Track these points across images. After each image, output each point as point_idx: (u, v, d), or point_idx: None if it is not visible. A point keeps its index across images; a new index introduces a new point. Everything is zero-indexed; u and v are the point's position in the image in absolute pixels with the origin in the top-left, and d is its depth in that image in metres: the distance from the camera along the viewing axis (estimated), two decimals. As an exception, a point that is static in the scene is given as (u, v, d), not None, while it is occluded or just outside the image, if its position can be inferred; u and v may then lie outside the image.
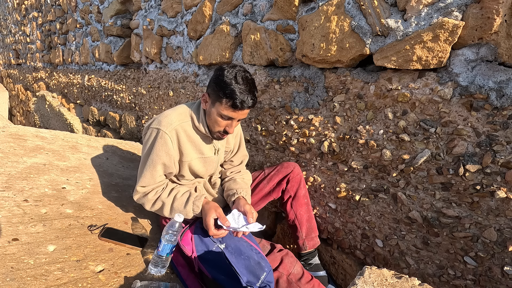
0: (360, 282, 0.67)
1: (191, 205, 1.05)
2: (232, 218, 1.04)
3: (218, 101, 1.00)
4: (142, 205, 1.11)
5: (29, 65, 5.63)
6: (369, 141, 1.14)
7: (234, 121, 1.04)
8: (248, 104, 0.98)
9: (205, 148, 1.15)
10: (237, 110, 0.99)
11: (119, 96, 2.92)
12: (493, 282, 0.92)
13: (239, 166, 1.35)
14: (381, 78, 1.08)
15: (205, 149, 1.15)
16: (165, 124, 1.05)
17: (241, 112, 1.01)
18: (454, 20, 0.88)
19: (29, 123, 5.54)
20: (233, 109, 0.99)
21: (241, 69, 1.01)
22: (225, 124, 1.04)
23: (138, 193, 1.09)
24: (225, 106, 0.99)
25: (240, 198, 1.15)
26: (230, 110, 0.99)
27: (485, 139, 0.88)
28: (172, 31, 2.10)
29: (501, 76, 0.84)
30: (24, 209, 1.06)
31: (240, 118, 1.04)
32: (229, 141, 1.27)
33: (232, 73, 0.98)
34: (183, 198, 1.08)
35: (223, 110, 1.00)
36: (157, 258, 0.96)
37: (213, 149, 1.17)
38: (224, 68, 1.00)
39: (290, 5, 1.31)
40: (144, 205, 1.10)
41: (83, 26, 3.37)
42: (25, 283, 0.77)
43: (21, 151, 1.55)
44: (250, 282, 0.90)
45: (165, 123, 1.06)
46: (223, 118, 1.02)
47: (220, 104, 1.00)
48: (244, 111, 1.01)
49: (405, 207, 1.08)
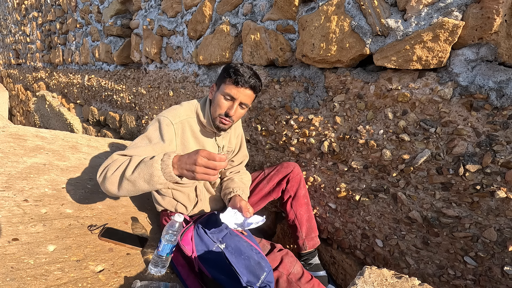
0: (360, 282, 0.67)
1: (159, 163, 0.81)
2: (229, 216, 1.04)
3: (222, 82, 1.05)
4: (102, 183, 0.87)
5: (29, 65, 5.63)
6: (369, 141, 1.13)
7: (236, 102, 1.04)
8: (249, 82, 1.02)
9: (208, 145, 1.15)
10: (239, 86, 1.02)
11: (119, 96, 2.92)
12: (493, 282, 0.92)
13: (239, 166, 1.36)
14: (381, 78, 1.08)
15: (208, 147, 1.16)
16: (172, 115, 1.07)
17: (242, 91, 1.03)
18: (454, 20, 0.88)
19: (29, 123, 5.54)
20: (235, 85, 1.02)
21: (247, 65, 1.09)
22: (227, 106, 1.05)
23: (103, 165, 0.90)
24: (228, 84, 1.03)
25: (236, 196, 1.16)
26: (232, 87, 1.02)
27: (485, 139, 0.88)
28: (172, 31, 2.10)
29: (501, 76, 0.84)
30: (24, 209, 1.06)
31: (242, 100, 1.04)
32: (231, 141, 1.28)
33: (238, 64, 1.06)
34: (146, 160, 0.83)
35: (226, 88, 1.03)
36: (157, 258, 0.96)
37: (216, 147, 1.19)
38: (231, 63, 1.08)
39: (290, 5, 1.30)
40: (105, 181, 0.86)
41: (83, 26, 3.37)
42: (25, 283, 0.77)
43: (21, 151, 1.55)
44: (250, 282, 0.90)
45: (172, 114, 1.07)
46: (225, 98, 1.04)
47: (224, 83, 1.04)
48: (246, 91, 1.03)
49: (405, 207, 1.08)
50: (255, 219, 1.02)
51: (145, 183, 0.82)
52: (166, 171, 0.80)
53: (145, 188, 0.84)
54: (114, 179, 0.85)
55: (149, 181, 0.81)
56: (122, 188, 0.85)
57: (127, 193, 0.86)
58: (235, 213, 1.06)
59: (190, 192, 1.19)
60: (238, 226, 1.00)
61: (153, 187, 0.83)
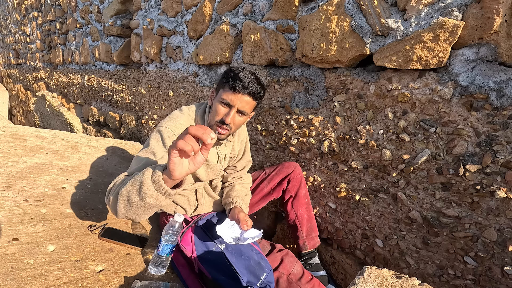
0: (360, 282, 0.67)
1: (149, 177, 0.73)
2: (226, 227, 1.01)
3: (221, 87, 1.00)
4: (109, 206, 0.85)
5: (29, 65, 5.63)
6: (369, 141, 1.13)
7: (233, 109, 0.98)
8: (248, 88, 0.95)
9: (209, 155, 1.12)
10: (236, 92, 0.96)
11: (119, 96, 2.92)
12: (493, 282, 0.92)
13: (241, 172, 1.33)
14: (381, 78, 1.08)
15: (209, 156, 1.12)
16: (174, 126, 1.04)
17: (240, 98, 0.96)
18: (454, 20, 0.88)
19: (29, 123, 5.54)
20: (232, 91, 0.96)
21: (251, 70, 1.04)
22: (224, 113, 0.99)
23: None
24: (226, 90, 0.98)
25: (235, 207, 1.15)
26: (230, 93, 0.96)
27: (485, 139, 0.88)
28: (172, 31, 2.10)
29: (501, 76, 0.84)
30: (24, 209, 1.06)
31: (240, 107, 0.98)
32: (234, 147, 1.25)
33: (239, 68, 1.00)
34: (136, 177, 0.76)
35: (223, 94, 0.98)
36: (157, 258, 0.96)
37: (216, 157, 1.15)
38: (232, 67, 1.01)
39: (290, 5, 1.30)
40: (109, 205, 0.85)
41: (83, 26, 3.37)
42: (25, 283, 0.77)
43: (21, 151, 1.55)
44: (250, 282, 0.90)
45: (174, 125, 1.04)
46: (222, 105, 0.99)
47: (223, 89, 0.99)
48: (244, 97, 0.97)
49: (405, 207, 1.08)
50: (252, 233, 0.99)
51: (137, 195, 0.73)
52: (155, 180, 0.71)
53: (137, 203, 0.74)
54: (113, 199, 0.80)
55: (139, 192, 0.73)
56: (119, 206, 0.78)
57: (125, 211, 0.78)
58: (233, 225, 1.04)
59: (190, 196, 1.18)
60: (233, 241, 0.97)
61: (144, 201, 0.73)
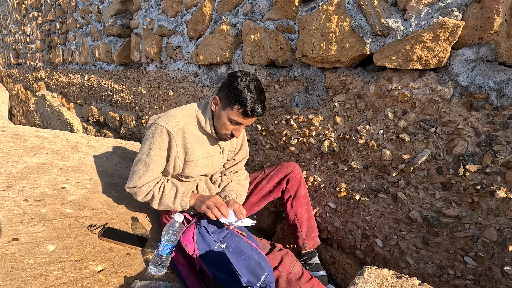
0: (360, 282, 0.67)
1: (179, 200, 1.10)
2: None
3: (229, 106, 1.05)
4: (133, 195, 1.14)
5: (29, 65, 5.63)
6: (369, 141, 1.13)
7: (242, 126, 1.09)
8: (258, 113, 1.05)
9: (210, 148, 1.18)
10: (247, 117, 1.05)
11: (119, 96, 2.92)
12: (493, 282, 0.92)
13: (238, 165, 1.36)
14: (381, 78, 1.08)
15: (210, 149, 1.18)
16: (172, 124, 1.09)
17: (250, 119, 1.07)
18: (454, 20, 0.88)
19: (29, 123, 5.53)
20: (244, 116, 1.04)
21: (254, 78, 1.07)
22: (233, 128, 1.09)
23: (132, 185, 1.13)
24: (236, 113, 1.04)
25: (230, 199, 1.17)
26: (241, 117, 1.05)
27: (485, 139, 0.88)
28: (172, 31, 2.10)
29: (501, 76, 0.84)
30: (24, 208, 1.06)
31: (248, 124, 1.10)
32: (232, 141, 1.30)
33: (246, 81, 1.04)
34: (171, 193, 1.12)
35: (233, 116, 1.05)
36: (157, 257, 0.96)
37: (218, 149, 1.21)
38: (238, 75, 1.05)
39: (290, 4, 1.30)
40: (136, 196, 1.14)
41: (83, 26, 3.37)
42: (25, 283, 0.77)
43: (21, 151, 1.55)
44: (250, 282, 0.90)
45: (172, 123, 1.09)
46: (232, 123, 1.07)
47: (232, 109, 1.05)
48: (253, 118, 1.07)
49: (405, 207, 1.08)
50: (246, 221, 1.06)
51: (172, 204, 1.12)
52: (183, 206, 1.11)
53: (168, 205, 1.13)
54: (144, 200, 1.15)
55: (170, 207, 1.12)
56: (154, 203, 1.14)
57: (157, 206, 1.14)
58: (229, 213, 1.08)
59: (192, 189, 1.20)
60: (227, 222, 1.04)
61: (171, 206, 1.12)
